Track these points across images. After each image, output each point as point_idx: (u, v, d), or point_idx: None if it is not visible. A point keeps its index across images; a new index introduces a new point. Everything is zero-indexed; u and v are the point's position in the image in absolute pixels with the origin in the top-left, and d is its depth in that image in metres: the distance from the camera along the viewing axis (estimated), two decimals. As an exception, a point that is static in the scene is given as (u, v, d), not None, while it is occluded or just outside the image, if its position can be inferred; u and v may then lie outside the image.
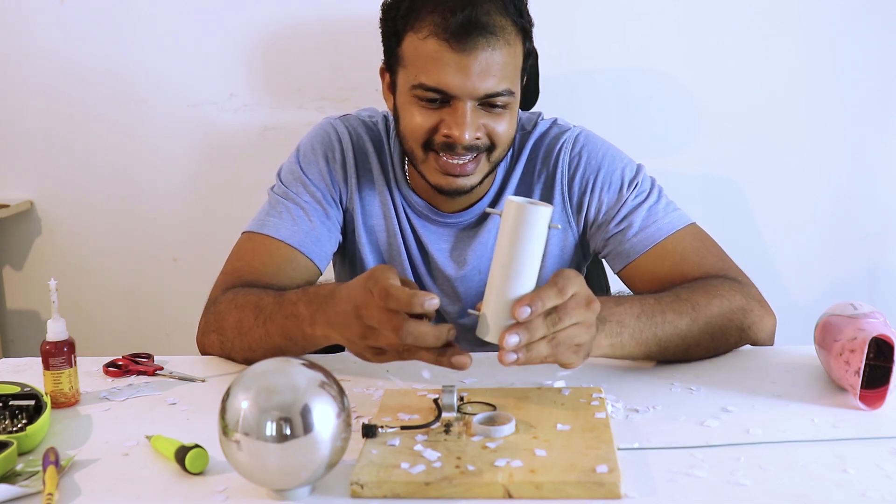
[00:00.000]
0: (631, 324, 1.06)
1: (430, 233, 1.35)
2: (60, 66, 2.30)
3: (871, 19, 2.20)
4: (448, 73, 1.15)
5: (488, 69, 1.15)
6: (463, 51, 1.14)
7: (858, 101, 2.23)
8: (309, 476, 0.78)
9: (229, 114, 2.29)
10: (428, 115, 1.19)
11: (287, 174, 1.34)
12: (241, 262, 1.27)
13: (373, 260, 1.37)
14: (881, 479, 0.81)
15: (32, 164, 2.36)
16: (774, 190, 2.28)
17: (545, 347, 0.90)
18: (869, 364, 1.00)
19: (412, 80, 1.18)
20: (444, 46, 1.14)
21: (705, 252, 1.26)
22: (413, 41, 1.17)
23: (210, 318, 1.21)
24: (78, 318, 1.96)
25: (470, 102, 1.17)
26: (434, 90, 1.16)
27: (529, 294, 0.89)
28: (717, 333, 1.14)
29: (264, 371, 0.80)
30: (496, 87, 1.16)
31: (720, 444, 0.89)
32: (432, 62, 1.15)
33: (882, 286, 2.33)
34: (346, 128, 1.36)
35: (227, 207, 2.32)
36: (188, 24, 2.26)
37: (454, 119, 1.17)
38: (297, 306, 1.06)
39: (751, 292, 1.20)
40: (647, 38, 2.22)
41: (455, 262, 1.35)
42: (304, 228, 1.29)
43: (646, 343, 1.08)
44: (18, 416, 0.97)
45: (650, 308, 1.09)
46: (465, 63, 1.14)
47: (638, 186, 1.30)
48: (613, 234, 1.29)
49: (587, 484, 0.78)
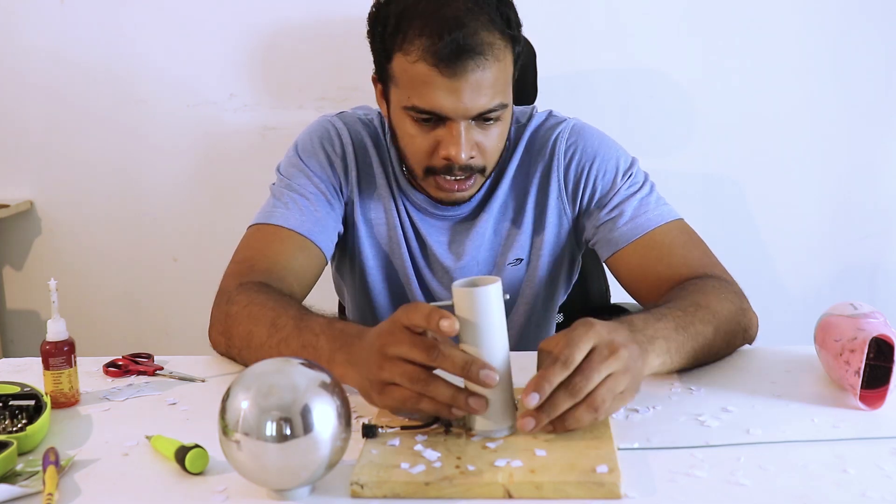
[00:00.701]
0: (674, 338, 1.04)
1: (429, 226, 1.36)
2: (60, 66, 2.30)
3: (871, 19, 2.20)
4: (440, 96, 1.16)
5: (479, 89, 1.16)
6: (454, 75, 1.14)
7: (858, 102, 2.23)
8: (309, 476, 0.78)
9: (229, 114, 2.29)
10: (424, 136, 1.21)
11: (288, 167, 1.35)
12: (252, 251, 1.26)
13: (372, 253, 1.37)
14: (881, 479, 0.81)
15: (32, 164, 2.37)
16: (774, 190, 2.28)
17: (587, 415, 0.85)
18: (869, 364, 1.00)
19: (405, 101, 1.19)
20: (434, 71, 1.15)
21: (692, 246, 1.27)
22: (403, 63, 1.18)
23: (220, 317, 1.18)
24: (78, 318, 1.96)
25: (464, 122, 1.18)
26: (428, 112, 1.18)
27: (534, 379, 0.85)
28: (731, 339, 1.15)
29: (264, 371, 0.80)
30: (489, 104, 1.18)
31: (720, 444, 0.89)
32: (424, 86, 1.16)
33: (882, 286, 2.33)
34: (343, 123, 1.37)
35: (227, 207, 2.33)
36: (188, 25, 2.26)
37: (450, 139, 1.19)
38: (318, 339, 1.03)
39: (739, 291, 1.21)
40: (647, 38, 2.22)
41: (453, 254, 1.36)
42: (311, 217, 1.29)
43: (686, 355, 1.06)
44: (18, 416, 0.97)
45: (682, 321, 1.07)
46: (457, 86, 1.15)
47: (632, 177, 1.31)
48: (604, 222, 1.30)
49: (587, 484, 0.78)
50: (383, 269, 1.39)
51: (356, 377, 0.95)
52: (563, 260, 1.39)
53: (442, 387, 0.86)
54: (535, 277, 1.37)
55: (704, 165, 2.24)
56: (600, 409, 0.86)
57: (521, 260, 1.36)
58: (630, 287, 1.29)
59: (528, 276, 1.37)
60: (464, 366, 0.85)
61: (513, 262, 1.36)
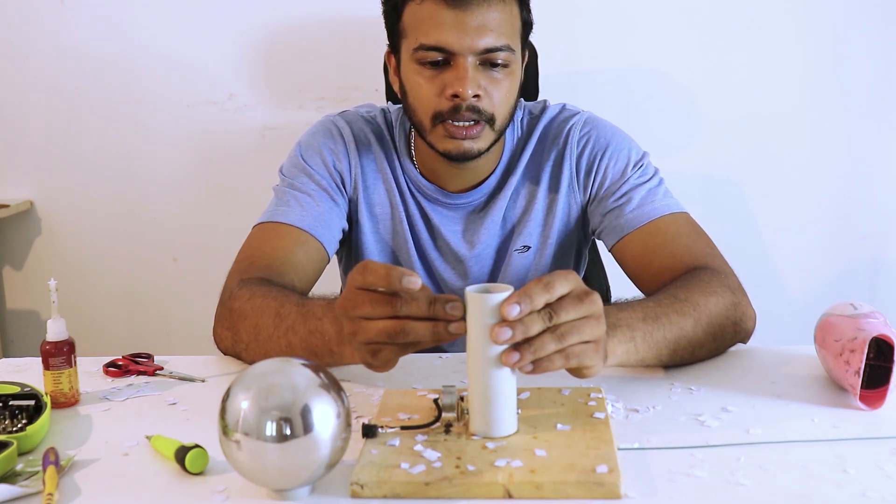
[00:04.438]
0: (640, 327, 1.04)
1: (441, 216, 1.36)
2: (60, 65, 2.30)
3: (871, 19, 2.20)
4: (446, 30, 1.18)
5: (486, 24, 1.19)
6: (459, 7, 1.18)
7: (859, 101, 2.24)
8: (309, 476, 0.78)
9: (229, 114, 2.29)
10: (432, 81, 1.22)
11: (290, 168, 1.36)
12: (252, 250, 1.27)
13: (377, 249, 1.38)
14: (881, 479, 0.81)
15: (32, 164, 2.37)
16: (774, 190, 2.28)
17: (552, 343, 0.85)
18: (869, 364, 1.00)
19: (413, 45, 1.22)
20: (440, 6, 1.18)
21: (696, 237, 1.28)
22: (412, 9, 1.22)
23: (225, 313, 1.18)
24: (78, 318, 1.96)
25: (471, 58, 1.20)
26: (434, 48, 1.20)
27: (515, 293, 0.85)
28: (718, 333, 1.14)
29: (264, 371, 0.80)
30: (495, 41, 1.20)
31: (720, 444, 0.89)
32: (430, 22, 1.19)
33: (882, 286, 2.33)
34: (345, 121, 1.38)
35: (227, 207, 2.33)
36: (188, 24, 2.26)
37: (456, 75, 1.20)
38: (322, 322, 1.03)
39: (736, 284, 1.20)
40: (648, 38, 2.22)
41: (467, 242, 1.36)
42: (313, 213, 1.30)
43: (657, 346, 1.06)
44: (18, 416, 0.97)
45: (653, 310, 1.07)
46: (463, 19, 1.18)
47: (642, 168, 1.33)
48: (612, 209, 1.31)
49: (587, 484, 0.78)
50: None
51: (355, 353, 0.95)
52: (570, 250, 1.39)
53: (420, 327, 0.86)
54: (541, 265, 1.37)
55: (704, 165, 2.24)
56: (570, 348, 0.85)
57: (528, 247, 1.36)
58: (634, 275, 1.30)
59: (534, 264, 1.38)
60: (429, 305, 0.86)
61: (520, 249, 1.36)
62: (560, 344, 0.85)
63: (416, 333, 0.86)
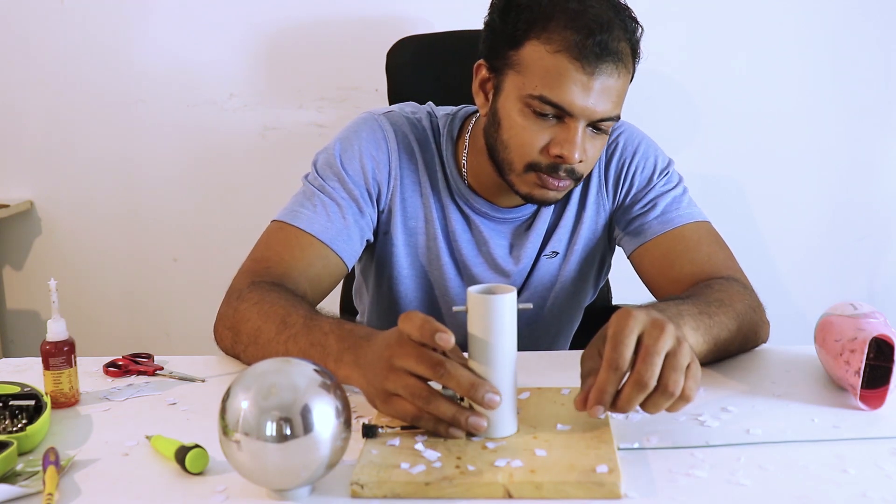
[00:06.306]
0: (701, 319, 1.05)
1: (490, 230, 1.35)
2: (60, 65, 2.30)
3: (872, 22, 2.20)
4: (573, 92, 1.14)
5: (608, 94, 1.16)
6: (591, 74, 1.14)
7: (858, 102, 2.24)
8: (309, 476, 0.78)
9: (229, 114, 2.29)
10: (539, 131, 1.18)
11: (324, 166, 1.30)
12: (271, 252, 1.24)
13: (407, 262, 1.36)
14: (881, 479, 0.81)
15: (32, 164, 2.37)
16: (774, 190, 2.28)
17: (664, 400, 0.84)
18: (869, 364, 1.00)
19: (530, 90, 1.16)
20: (575, 66, 1.14)
21: (718, 248, 1.28)
22: (539, 50, 1.15)
23: (229, 312, 1.17)
24: (78, 318, 1.96)
25: (583, 123, 1.17)
26: (554, 105, 1.15)
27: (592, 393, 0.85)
28: (746, 341, 1.16)
29: (264, 371, 0.80)
30: (611, 112, 1.17)
31: (720, 444, 0.89)
32: (559, 78, 1.14)
33: (882, 286, 2.33)
34: (391, 126, 1.33)
35: (228, 207, 2.33)
36: (188, 24, 2.26)
37: (567, 137, 1.17)
38: (327, 337, 1.02)
39: (757, 299, 1.21)
40: (648, 38, 2.22)
41: (514, 258, 1.36)
42: (338, 226, 1.26)
43: (711, 342, 1.06)
44: (18, 416, 0.97)
45: (706, 309, 1.08)
46: (591, 86, 1.14)
47: (668, 176, 1.34)
48: (637, 215, 1.32)
49: (587, 484, 0.78)
50: (417, 280, 1.37)
51: (362, 380, 0.95)
52: (594, 257, 1.39)
53: (444, 405, 0.86)
54: (566, 271, 1.37)
55: (705, 166, 2.24)
56: (676, 390, 0.84)
57: (556, 253, 1.36)
58: (652, 280, 1.30)
59: (560, 270, 1.37)
60: (469, 387, 0.85)
61: (548, 255, 1.36)
62: (671, 399, 0.85)
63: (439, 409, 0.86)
